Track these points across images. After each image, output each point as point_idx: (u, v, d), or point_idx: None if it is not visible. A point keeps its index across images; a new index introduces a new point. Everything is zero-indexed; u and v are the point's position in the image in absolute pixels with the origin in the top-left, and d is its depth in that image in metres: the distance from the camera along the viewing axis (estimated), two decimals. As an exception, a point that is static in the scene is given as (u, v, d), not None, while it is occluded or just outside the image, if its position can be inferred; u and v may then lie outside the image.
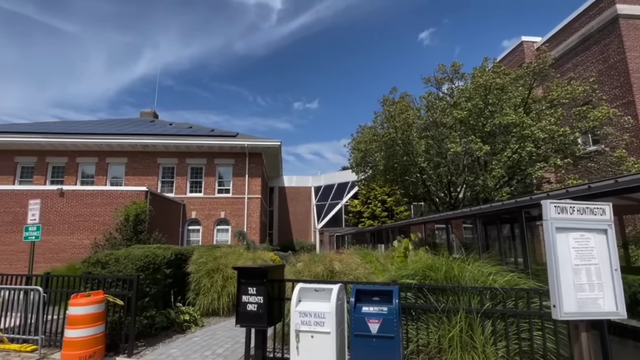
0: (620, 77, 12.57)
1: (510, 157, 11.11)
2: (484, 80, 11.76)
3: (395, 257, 6.12)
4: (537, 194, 6.72)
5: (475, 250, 6.25)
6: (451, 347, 4.13)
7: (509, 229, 8.22)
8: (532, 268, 5.51)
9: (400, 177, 15.55)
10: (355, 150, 16.57)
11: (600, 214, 3.09)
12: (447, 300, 4.33)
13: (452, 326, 4.17)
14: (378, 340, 3.50)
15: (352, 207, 26.16)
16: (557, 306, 2.86)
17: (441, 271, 4.63)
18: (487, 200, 11.78)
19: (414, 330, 4.36)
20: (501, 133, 11.77)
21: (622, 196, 4.76)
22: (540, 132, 10.57)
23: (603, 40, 13.33)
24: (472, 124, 12.11)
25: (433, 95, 14.12)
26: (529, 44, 17.00)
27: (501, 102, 11.76)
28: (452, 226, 10.44)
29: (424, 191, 15.31)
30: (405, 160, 14.03)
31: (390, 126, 13.62)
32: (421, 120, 14.02)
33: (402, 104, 13.67)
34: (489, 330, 4.16)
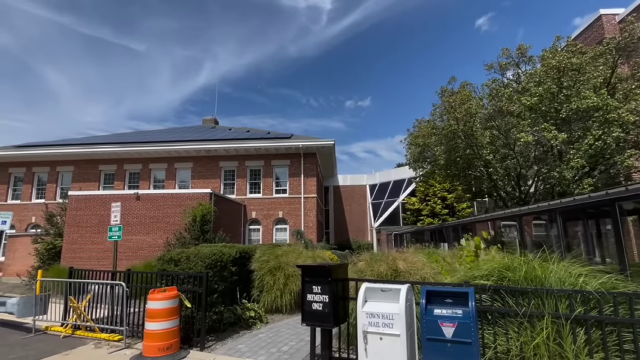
0: None
1: (593, 144, 9.91)
2: (557, 62, 10.63)
3: (465, 257, 5.71)
4: (633, 184, 5.87)
5: (556, 249, 5.62)
6: (537, 356, 3.72)
7: (595, 225, 7.32)
8: (630, 269, 4.81)
9: (462, 172, 14.68)
10: (412, 145, 15.98)
11: None
12: (528, 303, 3.92)
13: (537, 333, 3.75)
14: (453, 346, 3.25)
15: (410, 205, 25.35)
16: (679, 315, 2.41)
17: (520, 272, 4.20)
18: (564, 193, 10.64)
19: (490, 336, 4.00)
20: (579, 119, 10.57)
21: None
22: (630, 115, 9.28)
23: None
24: (544, 111, 11.03)
25: (497, 82, 13.12)
26: (609, 17, 15.07)
27: (578, 84, 10.55)
28: (524, 223, 9.58)
29: (489, 186, 14.30)
30: (468, 153, 13.22)
31: (451, 118, 12.91)
32: (485, 110, 13.09)
33: (463, 94, 12.88)
34: (582, 339, 3.68)
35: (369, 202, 31.03)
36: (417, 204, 24.55)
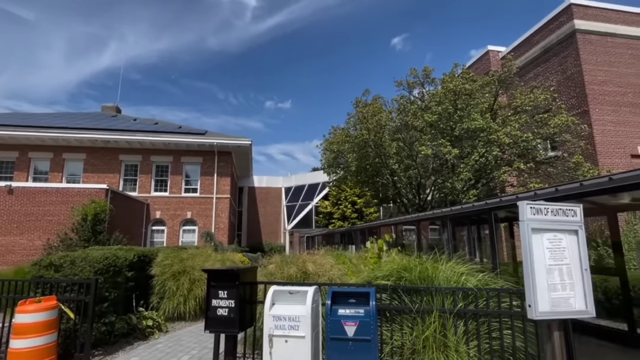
0: (576, 88, 13.36)
1: (478, 160, 11.48)
2: (454, 86, 12.09)
3: (369, 258, 6.08)
4: (506, 196, 6.94)
5: (444, 251, 6.34)
6: (425, 348, 4.11)
7: (477, 230, 8.46)
8: (500, 268, 5.65)
9: (371, 179, 15.68)
10: (327, 151, 16.55)
11: (571, 215, 3.18)
12: (421, 300, 4.33)
13: (427, 327, 4.16)
14: (355, 344, 3.41)
15: (323, 208, 26.16)
16: (533, 306, 2.90)
17: (415, 272, 4.62)
18: (455, 202, 12.10)
19: (388, 332, 4.31)
20: (469, 137, 12.15)
21: (583, 199, 4.98)
22: (506, 137, 10.99)
23: (562, 52, 14.12)
24: (441, 128, 12.41)
25: (405, 99, 14.37)
26: (495, 53, 17.73)
27: (469, 107, 12.14)
28: (422, 227, 10.61)
29: (394, 193, 15.53)
30: (377, 162, 14.17)
31: (363, 128, 13.70)
32: (393, 123, 14.21)
33: (374, 106, 13.79)
34: (462, 330, 4.19)
35: (284, 205, 31.14)
36: (330, 207, 25.46)
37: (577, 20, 13.62)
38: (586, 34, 13.55)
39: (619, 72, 13.50)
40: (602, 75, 13.27)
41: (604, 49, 13.61)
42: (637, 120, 13.15)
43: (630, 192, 4.34)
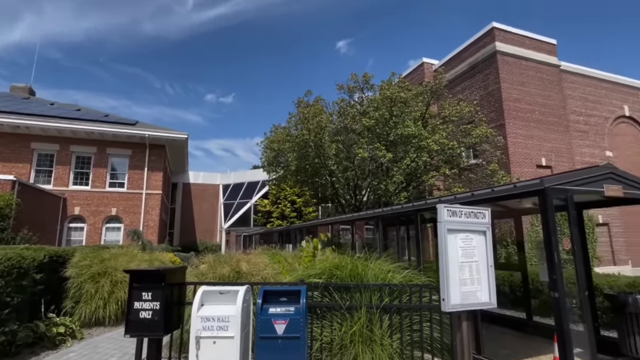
0: (495, 103, 14.88)
1: (409, 165, 12.24)
2: (390, 93, 12.75)
3: (304, 257, 6.18)
4: (431, 199, 7.50)
5: (376, 249, 6.68)
6: (353, 342, 4.30)
7: (405, 230, 9.02)
8: (423, 265, 6.11)
9: (310, 179, 15.88)
10: (268, 149, 16.42)
11: (481, 218, 3.57)
12: (350, 297, 4.51)
13: (355, 322, 4.35)
14: (284, 341, 3.46)
15: (262, 207, 25.86)
16: (446, 299, 3.20)
17: (347, 270, 4.81)
18: (388, 203, 12.76)
19: (318, 329, 4.43)
20: (402, 143, 12.90)
21: (494, 203, 5.58)
22: (434, 145, 11.87)
23: (485, 70, 15.63)
24: (378, 133, 13.01)
25: (345, 102, 14.79)
26: (429, 65, 19.03)
27: (404, 114, 12.89)
28: (357, 227, 11.03)
29: (332, 193, 15.90)
30: (316, 162, 14.39)
31: (304, 128, 13.83)
32: (333, 125, 14.55)
33: (316, 108, 13.99)
34: (387, 324, 4.46)
35: (221, 202, 30.19)
36: (269, 206, 25.26)
37: (498, 42, 15.18)
38: (505, 56, 15.16)
39: (529, 91, 15.31)
40: (516, 93, 14.94)
41: (518, 70, 15.34)
42: (542, 135, 15.03)
43: (529, 198, 4.96)
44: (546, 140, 15.04)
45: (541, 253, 5.58)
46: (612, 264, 14.78)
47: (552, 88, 15.95)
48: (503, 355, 5.28)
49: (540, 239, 6.00)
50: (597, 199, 5.23)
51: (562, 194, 4.38)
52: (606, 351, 5.07)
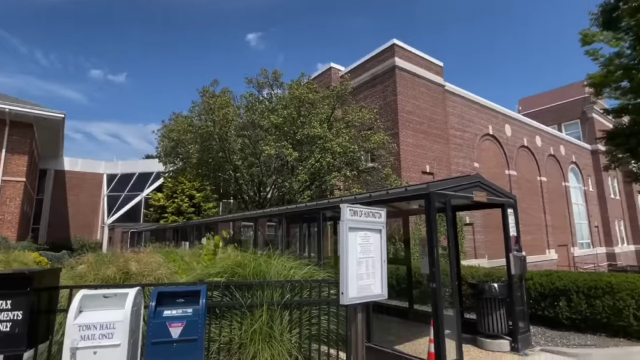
0: (392, 113, 16.38)
1: (314, 164, 12.65)
2: (299, 93, 12.99)
3: (203, 255, 5.88)
4: (333, 198, 7.88)
5: (280, 246, 6.74)
6: (253, 340, 4.27)
7: (308, 228, 9.30)
8: (323, 261, 6.39)
9: (213, 173, 15.19)
10: (166, 138, 15.16)
11: (378, 217, 3.90)
12: (252, 295, 4.47)
13: (256, 320, 4.32)
14: (179, 345, 3.24)
15: (155, 201, 23.63)
16: (345, 293, 3.41)
17: (250, 267, 4.74)
18: (291, 201, 12.98)
19: (217, 329, 4.28)
20: (308, 143, 13.26)
21: (388, 204, 6.15)
22: (338, 147, 12.51)
23: (385, 82, 17.06)
24: (285, 131, 13.13)
25: (254, 97, 14.54)
26: (336, 70, 19.93)
27: (311, 115, 13.26)
28: (260, 224, 10.93)
29: (235, 189, 15.47)
30: (220, 156, 13.83)
31: (209, 119, 13.16)
32: (240, 119, 14.16)
33: (223, 99, 13.44)
34: (287, 319, 4.54)
35: (105, 194, 26.71)
36: (163, 200, 23.24)
37: (397, 58, 16.73)
38: (402, 71, 16.79)
39: (420, 105, 17.26)
40: (409, 106, 16.69)
41: (412, 85, 17.16)
42: (428, 145, 17.10)
43: (417, 200, 5.60)
44: (430, 150, 17.15)
45: (423, 249, 6.36)
46: (473, 258, 17.64)
47: (437, 105, 18.26)
48: (389, 341, 5.86)
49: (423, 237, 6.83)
50: (468, 203, 6.18)
51: (443, 198, 5.07)
52: (468, 331, 6.04)
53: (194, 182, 21.91)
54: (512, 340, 5.75)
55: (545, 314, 7.20)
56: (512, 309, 5.83)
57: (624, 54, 10.47)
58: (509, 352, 5.66)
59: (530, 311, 7.06)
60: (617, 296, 6.37)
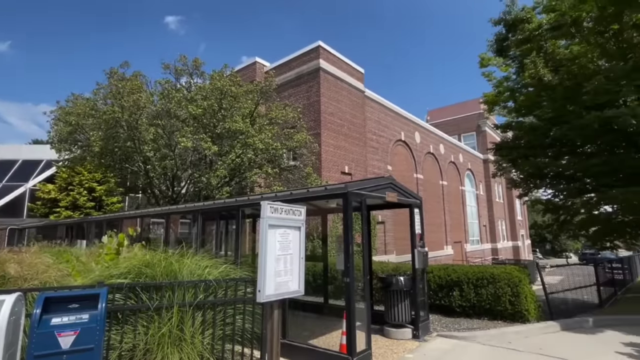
0: (315, 114, 16.72)
1: (234, 160, 12.26)
2: (221, 85, 12.46)
3: (104, 255, 5.28)
4: (253, 195, 7.74)
5: (195, 245, 6.40)
6: (160, 345, 3.98)
7: (225, 225, 8.99)
8: (241, 260, 6.25)
9: (119, 164, 13.76)
10: (62, 122, 13.27)
11: (298, 215, 3.94)
12: (161, 297, 4.17)
13: (164, 323, 4.04)
14: (71, 356, 2.87)
15: (44, 193, 20.51)
16: (262, 291, 3.38)
17: (160, 267, 4.41)
18: (208, 197, 12.41)
19: (118, 336, 3.89)
20: (229, 137, 12.81)
21: (308, 202, 6.27)
22: (260, 143, 12.32)
23: (309, 82, 17.33)
24: (205, 123, 12.48)
25: (171, 84, 13.51)
26: (261, 65, 19.61)
27: (233, 109, 12.83)
28: (172, 221, 10.22)
29: (145, 182, 14.21)
30: (128, 145, 12.56)
31: (117, 104, 11.85)
32: (154, 107, 13.05)
33: (134, 83, 12.22)
34: (199, 320, 4.34)
35: (-24, 184, 22.33)
36: (55, 192, 20.29)
37: (322, 60, 17.12)
38: (326, 73, 17.24)
39: (341, 108, 17.93)
40: (331, 108, 17.22)
41: (335, 88, 17.73)
42: (347, 147, 17.86)
43: (335, 199, 5.81)
44: (350, 152, 17.94)
45: (339, 246, 6.62)
46: (384, 254, 18.96)
47: (358, 109, 19.17)
48: (304, 336, 5.97)
49: (340, 234, 7.10)
50: (381, 203, 6.62)
51: (359, 198, 5.34)
52: (377, 321, 6.47)
53: (95, 173, 19.55)
54: (414, 328, 6.33)
55: (442, 303, 8.07)
56: (415, 300, 6.41)
57: (510, 78, 12.25)
58: (410, 339, 6.22)
59: (430, 301, 7.85)
60: (498, 285, 7.45)
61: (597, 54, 9.49)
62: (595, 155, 9.70)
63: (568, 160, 10.64)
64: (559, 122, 9.55)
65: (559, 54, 9.66)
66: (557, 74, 9.35)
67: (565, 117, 9.41)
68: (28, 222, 19.77)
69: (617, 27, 8.80)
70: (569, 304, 9.10)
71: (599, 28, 9.09)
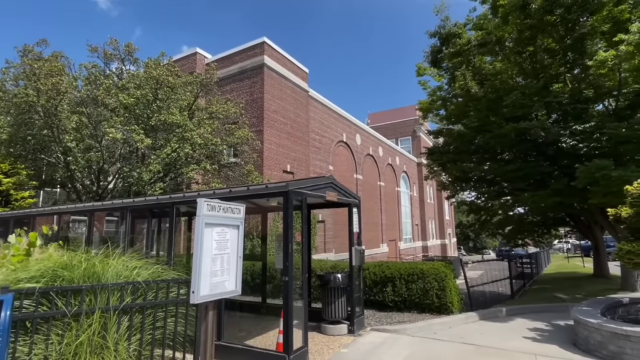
0: (258, 110, 16.44)
1: (170, 154, 11.58)
2: (157, 74, 11.69)
3: (10, 257, 4.66)
4: (189, 192, 7.38)
5: (122, 245, 5.92)
6: (77, 355, 3.62)
7: (158, 223, 8.46)
8: (174, 260, 5.92)
9: (33, 154, 12.24)
10: (-40, 103, 11.42)
11: (237, 213, 3.84)
12: (81, 301, 3.79)
13: (83, 330, 3.69)
14: (-37, 374, 2.49)
15: None
16: (196, 291, 3.24)
17: (80, 269, 4.01)
18: (139, 193, 11.56)
19: (26, 347, 3.46)
20: (164, 130, 12.06)
21: (248, 200, 6.15)
22: (199, 138, 11.78)
23: (253, 78, 16.99)
24: (137, 114, 11.61)
25: (99, 69, 12.34)
26: (202, 57, 18.77)
27: (170, 100, 12.11)
28: (96, 218, 9.35)
29: (65, 175, 12.80)
30: (44, 134, 11.23)
31: (31, 87, 10.52)
32: (78, 93, 11.82)
33: (53, 65, 10.94)
34: (125, 325, 4.03)
35: None
36: (-50, 185, 17.43)
37: (266, 56, 16.89)
38: (270, 70, 17.03)
39: (285, 107, 17.85)
40: (275, 106, 17.06)
41: (279, 86, 17.60)
42: (290, 145, 17.84)
43: (276, 198, 5.78)
44: (292, 151, 17.94)
45: (279, 245, 6.59)
46: (323, 252, 19.29)
47: (301, 108, 19.23)
48: (240, 337, 5.85)
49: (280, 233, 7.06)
50: (321, 202, 6.72)
51: (300, 196, 5.36)
52: (314, 319, 6.55)
53: (1, 164, 17.14)
54: (349, 324, 6.53)
55: (376, 299, 8.43)
56: (351, 296, 6.62)
57: (443, 88, 13.21)
58: (346, 335, 6.41)
59: (365, 297, 8.16)
60: (426, 280, 7.98)
61: (516, 71, 10.63)
62: (512, 162, 10.85)
63: (489, 166, 11.76)
64: (483, 130, 10.52)
65: (484, 69, 10.64)
66: (483, 87, 10.29)
67: (488, 127, 10.39)
68: None
69: (532, 49, 9.93)
70: (487, 296, 10.07)
71: (518, 48, 10.18)
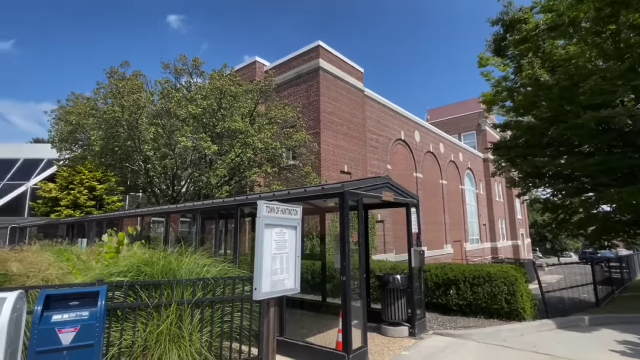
0: (315, 113, 16.77)
1: (234, 159, 12.34)
2: (221, 85, 12.53)
3: (104, 254, 5.36)
4: (252, 195, 7.81)
5: (194, 244, 6.47)
6: (159, 342, 4.05)
7: (225, 224, 9.07)
8: (240, 258, 6.32)
9: (119, 163, 13.84)
10: (63, 121, 13.36)
11: (294, 215, 4.01)
12: (160, 295, 4.24)
13: (163, 320, 4.11)
14: (72, 352, 2.94)
15: (46, 192, 20.61)
16: (258, 289, 3.45)
17: (159, 266, 4.48)
18: (208, 196, 12.48)
19: (118, 333, 3.96)
20: (229, 137, 12.88)
21: (306, 202, 6.34)
22: (260, 143, 12.39)
23: (309, 82, 17.38)
24: (204, 123, 12.55)
25: (171, 84, 13.59)
26: (261, 65, 19.67)
27: (233, 108, 12.90)
28: (173, 220, 10.31)
29: (145, 182, 14.29)
30: (129, 145, 12.64)
31: (117, 104, 11.93)
32: (154, 107, 13.12)
33: (134, 83, 12.29)
34: (197, 318, 4.41)
35: (-22, 183, 22.46)
36: (56, 191, 20.40)
37: (322, 60, 17.16)
38: (326, 73, 17.28)
39: (341, 108, 17.97)
40: (331, 108, 17.27)
41: (334, 88, 17.77)
42: (347, 146, 17.92)
43: (332, 199, 5.88)
44: (349, 151, 17.99)
45: (337, 245, 6.69)
46: (383, 253, 19.03)
47: (357, 108, 19.21)
48: (302, 334, 6.05)
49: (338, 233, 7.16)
50: (378, 202, 6.68)
51: (356, 197, 5.41)
52: (374, 320, 6.54)
53: (95, 172, 19.63)
54: (410, 327, 6.40)
55: (439, 302, 8.14)
56: (411, 298, 6.48)
57: (509, 78, 12.29)
58: (407, 337, 6.29)
59: (427, 300, 7.92)
60: (494, 284, 7.51)
61: (595, 54, 9.53)
62: (593, 155, 9.75)
63: (566, 160, 10.68)
64: (557, 121, 9.60)
65: (556, 54, 9.70)
66: (554, 75, 9.39)
67: (562, 117, 9.46)
68: (29, 221, 19.88)
69: (614, 28, 8.84)
70: (566, 303, 9.17)
71: (597, 28, 9.13)
